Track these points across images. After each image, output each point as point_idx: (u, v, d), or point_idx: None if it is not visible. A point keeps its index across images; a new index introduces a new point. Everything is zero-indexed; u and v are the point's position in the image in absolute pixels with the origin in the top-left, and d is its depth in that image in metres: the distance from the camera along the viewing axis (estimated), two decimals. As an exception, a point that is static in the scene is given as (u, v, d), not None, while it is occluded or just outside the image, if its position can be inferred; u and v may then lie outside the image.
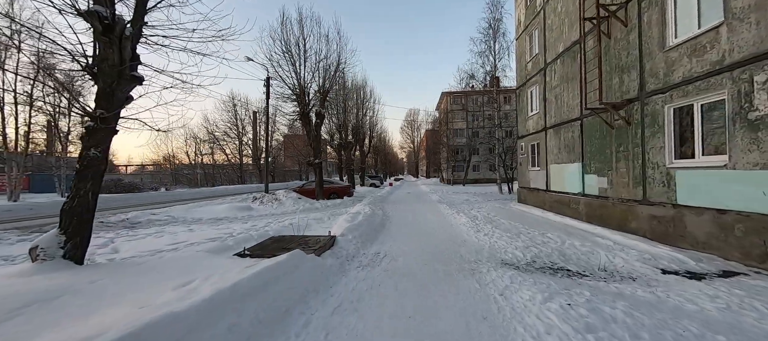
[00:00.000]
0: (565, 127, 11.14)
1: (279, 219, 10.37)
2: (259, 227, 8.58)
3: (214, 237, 6.84)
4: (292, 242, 6.24)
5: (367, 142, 31.08)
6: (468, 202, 16.42)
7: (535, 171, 13.95)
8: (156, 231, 7.68)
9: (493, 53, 22.10)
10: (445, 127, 41.58)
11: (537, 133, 13.59)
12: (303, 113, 15.05)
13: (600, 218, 9.01)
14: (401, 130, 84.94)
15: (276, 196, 14.31)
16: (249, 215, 11.58)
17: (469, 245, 6.70)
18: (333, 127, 23.46)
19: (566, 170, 11.06)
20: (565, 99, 11.16)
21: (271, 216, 11.59)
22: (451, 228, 8.82)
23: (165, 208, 12.17)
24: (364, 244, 6.71)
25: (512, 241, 6.84)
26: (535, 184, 13.87)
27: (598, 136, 9.20)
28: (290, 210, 12.81)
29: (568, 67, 10.88)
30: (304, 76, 14.89)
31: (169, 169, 44.67)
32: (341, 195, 17.55)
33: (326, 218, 10.65)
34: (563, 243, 6.82)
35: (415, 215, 11.63)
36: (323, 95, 15.90)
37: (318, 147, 15.88)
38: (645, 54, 7.47)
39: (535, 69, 13.74)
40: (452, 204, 15.07)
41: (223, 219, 10.71)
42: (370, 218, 9.57)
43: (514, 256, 5.83)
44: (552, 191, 12.12)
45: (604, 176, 8.98)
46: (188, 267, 4.52)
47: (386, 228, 8.76)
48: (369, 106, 27.38)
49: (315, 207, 13.84)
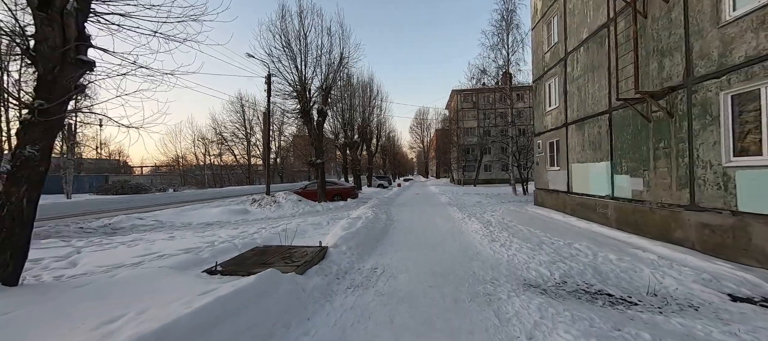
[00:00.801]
0: (589, 121, 9.98)
1: (274, 225, 9.56)
2: (249, 234, 7.77)
3: (190, 247, 6.04)
4: (277, 254, 5.37)
5: (374, 142, 30.14)
6: (480, 205, 15.32)
7: (554, 172, 12.78)
8: (133, 239, 6.96)
9: (506, 46, 20.90)
10: (455, 125, 40.35)
11: (556, 129, 12.42)
12: (304, 111, 14.25)
13: (634, 225, 7.86)
14: (410, 129, 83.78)
15: (275, 199, 13.54)
16: (243, 219, 10.82)
17: (484, 258, 5.70)
18: (338, 125, 22.65)
19: (591, 170, 9.90)
20: (589, 91, 10.01)
21: (266, 220, 10.80)
22: (461, 235, 7.81)
23: (156, 212, 11.55)
24: (361, 257, 5.79)
25: (534, 254, 5.80)
26: (554, 186, 12.70)
27: (632, 131, 8.05)
28: (288, 214, 12.01)
29: (594, 54, 9.73)
30: (305, 72, 14.11)
31: (178, 170, 44.79)
32: (345, 197, 16.69)
33: (325, 223, 9.78)
34: (596, 257, 5.74)
35: (422, 220, 10.65)
36: (325, 92, 15.07)
37: (320, 146, 15.06)
38: (693, 32, 6.32)
39: (553, 59, 12.58)
40: (463, 207, 14.01)
41: (215, 223, 9.97)
42: (372, 223, 8.65)
43: (540, 275, 4.81)
44: (574, 193, 10.96)
45: (638, 177, 7.83)
46: (138, 291, 3.69)
47: (389, 236, 7.82)
48: (376, 104, 26.50)
49: (316, 210, 13.01)
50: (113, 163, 55.32)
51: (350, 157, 24.70)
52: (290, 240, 6.44)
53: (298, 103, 14.34)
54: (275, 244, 6.16)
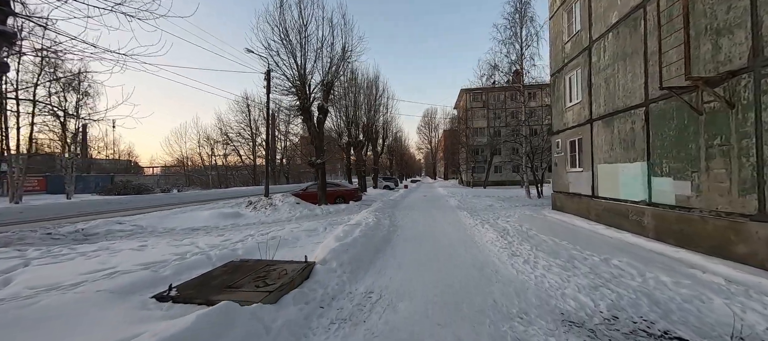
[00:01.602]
0: (620, 116, 8.81)
1: (265, 231, 8.63)
2: (232, 243, 6.85)
3: (155, 261, 5.13)
4: (251, 272, 4.41)
5: (380, 142, 29.12)
6: (492, 209, 14.18)
7: (575, 173, 11.59)
8: (98, 248, 6.10)
9: (519, 40, 19.69)
10: (464, 125, 39.07)
11: (579, 126, 11.24)
12: (304, 107, 13.33)
13: (678, 236, 6.68)
14: (418, 130, 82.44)
15: (272, 201, 12.64)
16: (233, 224, 9.93)
17: (505, 279, 4.63)
18: (341, 124, 21.68)
19: (623, 171, 8.72)
20: (619, 82, 8.84)
21: (257, 225, 9.89)
22: (475, 247, 6.74)
23: (144, 215, 10.78)
24: (354, 275, 4.78)
25: (568, 275, 4.71)
26: (575, 189, 11.51)
27: (676, 125, 6.88)
28: (284, 218, 11.08)
29: (625, 40, 8.56)
30: (305, 66, 13.21)
31: (183, 170, 44.57)
32: (347, 199, 15.71)
33: (321, 229, 8.82)
34: (645, 280, 4.63)
35: (430, 226, 9.60)
36: (327, 88, 14.15)
37: (321, 145, 14.13)
38: (761, 3, 5.16)
39: (575, 50, 11.40)
40: (474, 212, 12.90)
41: (201, 229, 9.10)
42: (373, 231, 7.64)
43: (581, 306, 3.73)
44: (600, 197, 9.77)
45: (685, 179, 6.65)
46: (49, 330, 2.77)
47: (390, 247, 6.79)
48: (382, 102, 25.47)
49: (314, 214, 12.06)
50: (123, 164, 55.64)
51: (355, 158, 23.75)
52: (273, 253, 5.48)
53: (297, 99, 13.44)
54: (254, 258, 5.21)
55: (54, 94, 21.47)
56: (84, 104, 24.19)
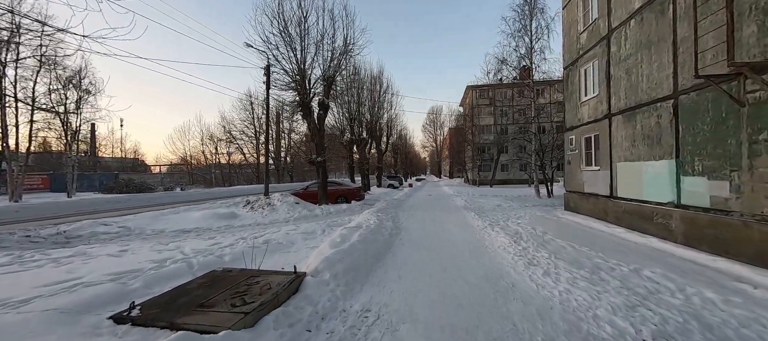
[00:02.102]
0: (643, 110, 8.10)
1: (259, 233, 8.09)
2: (220, 248, 6.31)
3: (128, 270, 4.58)
4: (231, 286, 3.85)
5: (384, 139, 28.45)
6: (501, 209, 13.51)
7: (591, 172, 10.87)
8: (73, 254, 5.59)
9: (529, 33, 18.89)
10: (470, 123, 38.26)
11: (595, 121, 10.51)
12: (303, 103, 12.76)
13: (714, 242, 5.98)
14: (423, 127, 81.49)
15: (270, 201, 12.11)
16: (227, 226, 9.40)
17: (524, 296, 4.01)
18: (344, 121, 21.04)
19: (646, 170, 8.01)
20: (643, 72, 8.12)
21: (252, 227, 9.35)
22: (486, 254, 6.11)
23: (137, 215, 10.32)
24: (349, 288, 4.19)
25: (597, 290, 4.07)
26: (591, 188, 10.79)
27: (711, 119, 6.17)
28: (281, 219, 10.53)
29: (650, 27, 7.84)
30: (305, 59, 12.63)
31: (187, 169, 44.45)
32: (350, 199, 15.12)
33: (319, 231, 8.26)
34: (688, 297, 3.97)
35: (435, 229, 8.98)
36: (328, 83, 13.56)
37: (321, 143, 13.55)
38: (823, -25, 4.45)
39: (592, 40, 10.66)
40: (482, 212, 12.25)
41: (192, 230, 8.59)
42: (373, 234, 7.05)
43: (620, 334, 3.10)
44: (620, 198, 9.06)
45: (722, 179, 5.95)
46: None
47: (391, 254, 6.19)
48: (386, 98, 24.77)
49: (314, 214, 11.49)
50: (129, 162, 55.72)
51: (358, 156, 23.15)
52: (260, 261, 4.91)
53: (297, 95, 12.88)
54: (239, 268, 4.64)
55: (54, 91, 21.18)
56: (86, 102, 23.97)
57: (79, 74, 22.68)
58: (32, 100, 19.34)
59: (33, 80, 19.43)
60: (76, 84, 22.42)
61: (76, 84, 22.44)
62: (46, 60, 19.75)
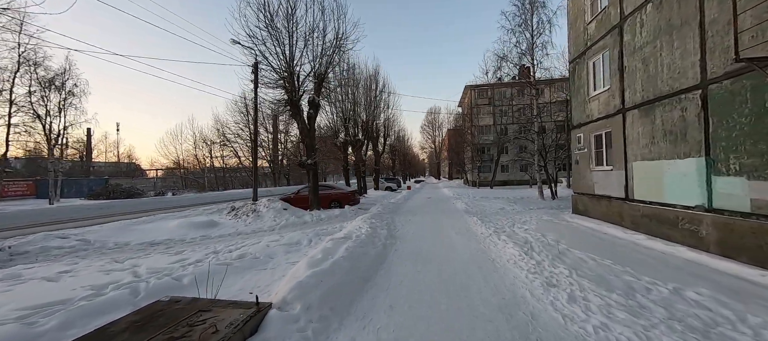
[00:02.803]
0: (664, 103, 7.27)
1: (237, 245, 7.20)
2: (184, 265, 5.42)
3: (53, 300, 3.69)
4: (173, 323, 2.96)
5: (381, 141, 27.57)
6: (504, 213, 12.66)
7: (602, 172, 10.04)
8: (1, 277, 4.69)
9: (530, 28, 18.10)
10: (469, 123, 37.46)
11: (606, 117, 9.69)
12: (292, 101, 11.89)
13: (758, 253, 5.13)
14: (421, 129, 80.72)
15: (256, 207, 11.20)
16: (202, 236, 8.48)
17: (550, 335, 3.13)
18: (337, 121, 20.13)
19: (669, 169, 7.18)
20: (663, 61, 7.30)
21: (232, 237, 8.44)
22: (494, 271, 5.23)
23: (101, 226, 9.41)
24: (325, 325, 3.32)
25: (642, 325, 3.20)
26: (602, 190, 9.96)
27: (751, 109, 5.33)
28: (266, 227, 9.63)
29: (671, 10, 7.03)
30: (293, 55, 11.76)
31: (180, 173, 43.41)
32: (343, 203, 14.22)
33: (305, 242, 7.38)
34: (755, 330, 3.12)
35: (435, 238, 8.11)
36: (319, 80, 12.70)
37: (312, 144, 12.67)
38: None
39: (601, 29, 9.86)
40: (485, 217, 11.39)
41: (161, 243, 7.69)
42: (364, 246, 6.18)
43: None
44: (637, 201, 8.22)
45: (766, 179, 5.11)
46: None
47: (383, 271, 5.31)
48: (382, 98, 23.90)
49: (303, 221, 10.59)
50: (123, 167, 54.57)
51: (354, 157, 22.27)
52: (219, 287, 4.02)
53: (285, 93, 12.01)
54: (191, 296, 3.75)
55: (33, 93, 20.23)
56: (70, 105, 23.02)
57: (62, 76, 21.76)
58: (9, 103, 18.41)
59: (10, 81, 18.50)
60: (59, 86, 21.48)
61: (58, 86, 21.50)
62: (25, 60, 18.83)
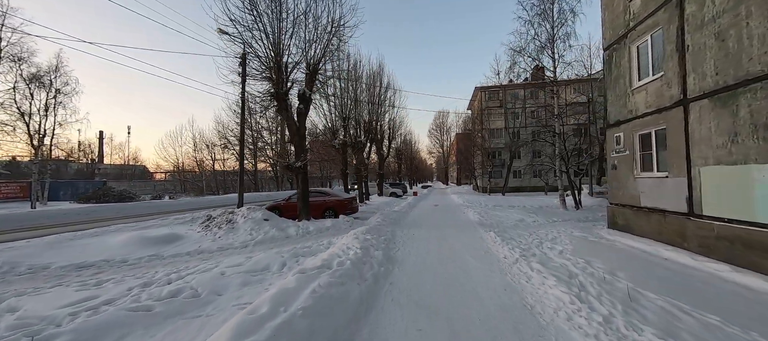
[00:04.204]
0: (753, 88, 5.42)
1: (183, 271, 5.53)
2: (73, 314, 3.74)
3: None
4: None
5: (386, 143, 25.80)
6: (526, 226, 10.80)
7: (652, 180, 8.14)
8: None
9: (551, 18, 16.27)
10: (479, 126, 35.52)
11: (658, 111, 7.82)
12: (278, 95, 10.27)
13: None
14: (429, 133, 78.69)
15: (231, 218, 9.52)
16: (150, 256, 6.76)
17: None
18: (336, 121, 18.40)
19: (762, 177, 5.28)
20: (753, 31, 5.45)
21: (186, 259, 6.67)
22: (541, 336, 3.42)
23: (28, 240, 7.89)
24: None
25: None
26: (651, 201, 8.06)
27: None
28: (238, 243, 7.91)
29: (768, -39, 5.18)
30: (280, 40, 10.16)
31: (179, 176, 42.36)
32: (339, 212, 12.46)
33: (277, 268, 5.67)
34: None
35: (444, 263, 6.31)
36: (312, 71, 11.08)
37: (301, 144, 11.00)
38: None
39: (650, 4, 8.03)
40: (504, 231, 9.54)
41: (91, 266, 6.00)
42: (345, 283, 4.44)
43: None
44: (708, 218, 6.32)
45: None
46: None
47: (366, 332, 3.54)
48: (386, 97, 22.13)
49: (286, 235, 8.85)
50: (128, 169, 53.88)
51: (355, 160, 20.56)
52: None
53: (270, 84, 10.40)
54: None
55: (17, 90, 19.12)
56: (59, 104, 21.91)
57: (50, 74, 20.66)
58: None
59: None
60: (46, 83, 20.35)
61: (45, 83, 20.37)
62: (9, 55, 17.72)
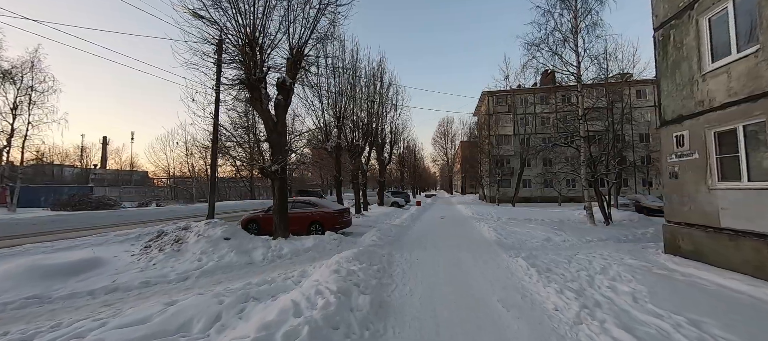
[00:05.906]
0: None
1: (59, 329, 3.49)
2: None
3: None
4: None
5: (387, 148, 23.76)
6: (555, 246, 8.68)
7: (741, 192, 6.01)
8: None
9: (573, 7, 14.28)
10: (487, 132, 33.39)
11: (748, 101, 5.75)
12: (249, 82, 8.29)
13: None
14: (433, 140, 76.62)
15: (182, 236, 7.40)
16: (26, 300, 4.42)
17: None
18: (330, 121, 16.38)
19: None
20: None
21: (83, 303, 4.55)
22: None
23: None
24: None
25: None
26: (739, 222, 5.92)
27: None
28: (173, 276, 5.63)
29: None
30: (254, 14, 8.25)
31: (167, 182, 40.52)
32: (326, 227, 10.35)
33: (199, 331, 3.61)
34: None
35: (464, 319, 4.19)
36: (295, 57, 9.15)
37: (280, 142, 8.95)
38: None
39: (736, -43, 5.99)
40: (535, 257, 7.38)
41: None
42: None
43: None
44: None
45: None
46: None
47: None
48: (388, 96, 20.21)
49: (247, 261, 6.62)
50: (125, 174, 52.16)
51: (353, 165, 18.56)
52: None
53: (241, 69, 8.46)
54: None
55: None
56: (33, 103, 20.22)
57: (22, 70, 19.03)
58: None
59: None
60: (16, 80, 18.68)
61: (16, 80, 18.71)
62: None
